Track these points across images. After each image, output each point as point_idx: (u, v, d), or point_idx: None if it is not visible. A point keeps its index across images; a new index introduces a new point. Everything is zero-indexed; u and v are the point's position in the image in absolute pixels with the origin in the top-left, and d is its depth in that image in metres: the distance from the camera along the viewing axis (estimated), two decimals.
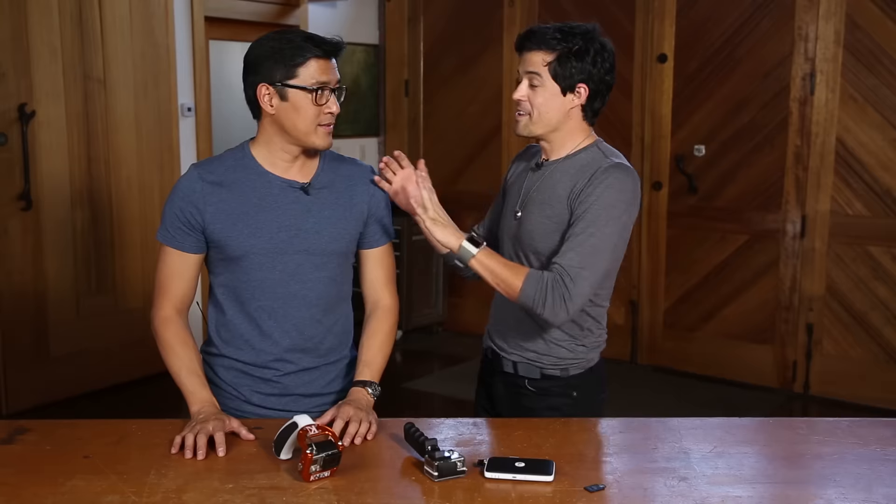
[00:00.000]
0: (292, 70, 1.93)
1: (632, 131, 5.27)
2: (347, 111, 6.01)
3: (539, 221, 2.11)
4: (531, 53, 2.07)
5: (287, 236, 2.01)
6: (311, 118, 1.95)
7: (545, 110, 2.08)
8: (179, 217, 2.00)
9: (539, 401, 2.15)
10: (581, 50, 2.06)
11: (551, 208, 2.09)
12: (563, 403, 2.15)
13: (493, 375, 2.26)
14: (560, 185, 2.10)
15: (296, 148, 2.01)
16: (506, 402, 2.22)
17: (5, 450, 1.81)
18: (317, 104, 1.94)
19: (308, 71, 1.93)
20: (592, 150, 2.13)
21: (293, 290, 2.03)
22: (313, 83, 1.93)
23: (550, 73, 2.06)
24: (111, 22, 4.56)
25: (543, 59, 2.05)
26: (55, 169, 4.40)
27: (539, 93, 2.07)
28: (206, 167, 2.04)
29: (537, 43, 2.06)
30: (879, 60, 4.49)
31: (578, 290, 1.95)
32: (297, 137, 1.98)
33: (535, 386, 2.16)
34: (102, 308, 4.67)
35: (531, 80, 2.07)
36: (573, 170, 2.10)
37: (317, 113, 1.95)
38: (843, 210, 4.68)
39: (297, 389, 2.09)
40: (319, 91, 1.94)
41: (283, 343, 2.05)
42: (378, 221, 2.13)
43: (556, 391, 2.15)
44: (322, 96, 1.94)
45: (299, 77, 1.93)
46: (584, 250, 1.97)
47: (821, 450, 1.86)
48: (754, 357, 5.01)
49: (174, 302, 2.04)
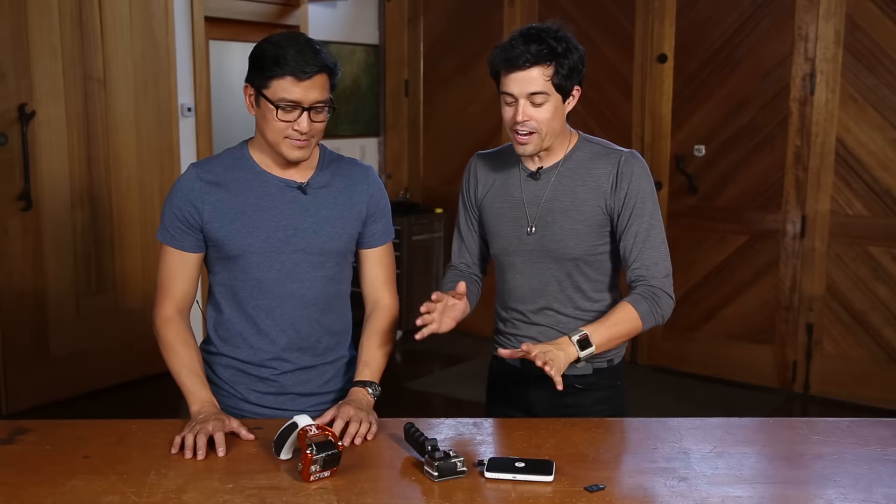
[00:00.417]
0: (266, 80, 1.91)
1: (632, 131, 5.27)
2: (347, 111, 6.02)
3: (570, 229, 2.08)
4: (526, 72, 1.98)
5: (284, 235, 2.01)
6: (276, 130, 1.93)
7: (553, 124, 2.03)
8: (178, 216, 2.00)
9: (586, 396, 2.12)
10: (571, 55, 2.01)
11: (579, 213, 2.08)
12: (612, 394, 2.16)
13: (525, 380, 2.19)
14: (580, 189, 2.08)
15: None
16: (545, 405, 2.15)
17: (5, 450, 1.81)
18: (279, 119, 1.91)
19: (279, 85, 1.89)
20: (586, 146, 2.13)
21: (290, 290, 2.03)
22: (279, 99, 1.90)
23: (554, 86, 2.00)
24: (111, 22, 4.56)
25: (545, 74, 1.98)
26: (55, 169, 4.40)
27: (546, 109, 2.01)
28: (205, 166, 2.04)
29: (533, 59, 1.97)
30: (879, 60, 4.49)
31: (668, 281, 2.06)
32: (269, 144, 1.98)
33: (583, 382, 2.14)
34: (102, 308, 4.67)
35: (533, 99, 1.99)
36: (582, 170, 2.09)
37: (283, 128, 1.92)
38: (843, 210, 4.68)
39: (294, 388, 2.09)
40: (284, 108, 1.90)
41: (280, 342, 2.05)
42: (378, 221, 2.13)
43: (604, 384, 2.16)
44: (288, 113, 1.91)
45: (270, 89, 1.91)
46: (654, 243, 2.06)
47: (821, 450, 1.86)
48: (754, 357, 5.01)
49: (175, 301, 2.04)
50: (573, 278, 2.12)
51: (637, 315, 2.01)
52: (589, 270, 2.12)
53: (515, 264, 2.16)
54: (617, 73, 5.27)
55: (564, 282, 2.12)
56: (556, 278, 2.12)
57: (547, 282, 2.13)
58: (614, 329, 2.00)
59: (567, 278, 2.12)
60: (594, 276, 2.13)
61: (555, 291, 2.13)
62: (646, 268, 2.05)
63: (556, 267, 2.12)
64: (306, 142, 1.95)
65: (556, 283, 2.13)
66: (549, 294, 2.13)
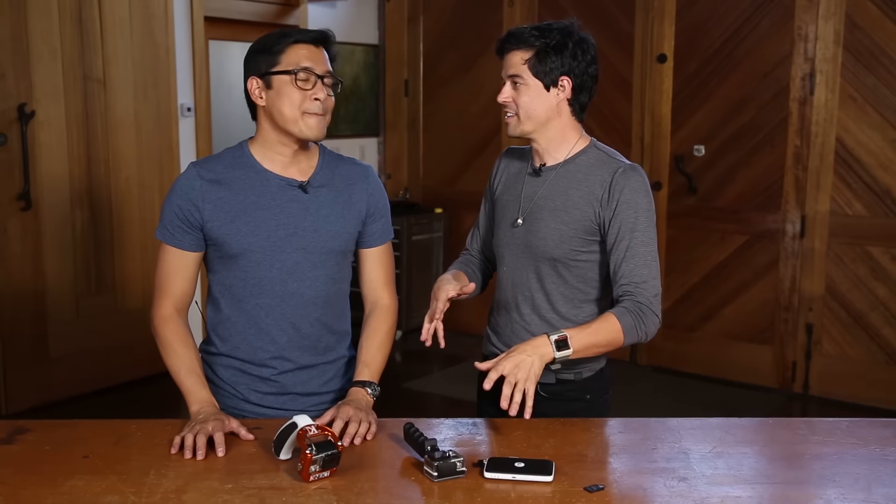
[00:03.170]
0: (275, 58, 1.95)
1: (631, 131, 5.28)
2: (347, 111, 6.01)
3: (554, 228, 2.08)
4: (510, 55, 2.07)
5: (285, 234, 2.01)
6: (295, 103, 1.95)
7: (531, 108, 2.06)
8: (178, 215, 2.00)
9: (553, 406, 2.09)
10: (559, 44, 2.03)
11: (567, 214, 2.08)
12: (578, 407, 2.13)
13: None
14: (573, 191, 2.08)
15: (291, 142, 2.01)
16: None
17: (5, 450, 1.81)
18: (299, 88, 1.94)
19: (289, 56, 1.95)
20: (593, 152, 2.12)
21: (291, 289, 2.03)
22: (294, 66, 1.94)
23: (531, 71, 2.04)
24: (111, 22, 4.56)
25: (522, 57, 2.04)
26: (55, 169, 4.40)
27: (523, 92, 2.06)
28: (205, 165, 2.04)
29: (515, 43, 2.05)
30: (879, 60, 4.50)
31: (657, 300, 2.02)
32: (286, 127, 1.98)
33: (548, 391, 2.13)
34: (102, 308, 4.67)
35: (514, 81, 2.07)
36: (581, 174, 2.09)
37: (301, 98, 1.95)
38: (843, 210, 4.68)
39: (294, 388, 2.09)
40: (301, 73, 1.94)
41: (280, 341, 2.05)
42: (377, 221, 2.13)
43: (570, 395, 2.14)
44: (305, 81, 1.95)
45: (281, 63, 1.95)
46: (645, 260, 2.01)
47: (820, 450, 1.86)
48: (754, 357, 5.01)
49: (174, 301, 2.04)
50: (551, 281, 2.11)
51: (620, 328, 1.97)
52: (567, 275, 2.10)
53: (504, 256, 2.19)
54: (617, 73, 5.27)
55: (542, 282, 2.12)
56: (535, 277, 2.12)
57: (526, 279, 2.14)
58: (594, 338, 1.95)
59: (546, 279, 2.11)
60: (572, 282, 2.10)
61: (531, 291, 2.13)
62: (634, 284, 2.00)
63: (534, 265, 2.12)
64: (322, 116, 1.98)
65: (535, 282, 2.13)
66: (525, 292, 2.14)
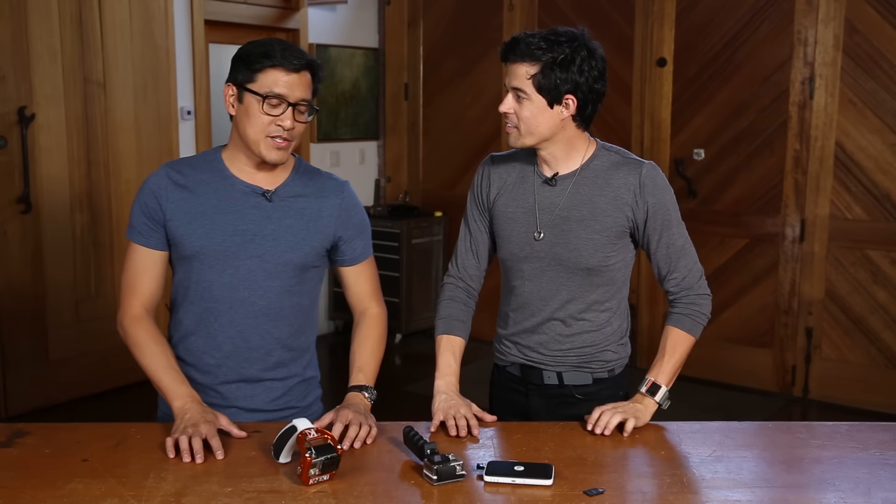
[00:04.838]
0: (252, 74, 1.92)
1: (631, 135, 5.28)
2: (347, 114, 6.02)
3: (586, 238, 2.05)
4: (515, 65, 1.97)
5: (241, 240, 1.98)
6: (259, 126, 1.92)
7: (533, 123, 2.00)
8: (144, 212, 2.00)
9: (589, 407, 2.04)
10: (566, 59, 1.95)
11: (598, 223, 2.05)
12: None
13: (526, 389, 2.18)
14: (598, 198, 2.06)
15: (255, 156, 1.98)
16: (545, 414, 2.14)
17: (4, 453, 1.81)
18: (265, 113, 1.91)
19: (265, 78, 1.90)
20: (604, 154, 2.10)
21: (241, 296, 2.01)
22: (266, 90, 1.90)
23: (535, 86, 1.96)
24: (111, 25, 4.56)
25: (527, 71, 1.95)
26: (55, 172, 4.40)
27: (525, 106, 1.98)
28: (175, 166, 2.04)
29: (521, 54, 1.96)
30: (878, 65, 4.50)
31: (702, 280, 2.12)
32: (248, 145, 1.96)
33: (583, 392, 2.12)
34: (101, 311, 4.66)
35: (517, 94, 1.98)
36: (600, 180, 2.06)
37: (266, 122, 1.92)
38: (843, 214, 4.68)
39: (238, 402, 2.05)
40: (273, 99, 1.90)
41: (225, 348, 2.02)
42: (355, 239, 2.10)
43: (605, 394, 2.13)
44: (273, 107, 1.91)
45: (256, 82, 1.91)
46: (686, 252, 2.12)
47: (820, 454, 1.86)
48: (753, 361, 5.01)
49: (143, 300, 2.03)
50: (583, 289, 2.09)
51: (685, 334, 2.09)
52: (598, 280, 2.09)
53: (524, 270, 2.12)
54: (616, 77, 5.26)
55: (574, 291, 2.09)
56: (567, 287, 2.09)
57: (556, 291, 2.10)
58: (673, 359, 2.07)
59: (577, 288, 2.09)
60: (600, 285, 2.11)
61: (562, 301, 2.10)
62: (682, 277, 2.10)
63: (566, 276, 2.08)
64: (286, 142, 1.95)
65: (566, 292, 2.09)
66: (555, 304, 2.10)
